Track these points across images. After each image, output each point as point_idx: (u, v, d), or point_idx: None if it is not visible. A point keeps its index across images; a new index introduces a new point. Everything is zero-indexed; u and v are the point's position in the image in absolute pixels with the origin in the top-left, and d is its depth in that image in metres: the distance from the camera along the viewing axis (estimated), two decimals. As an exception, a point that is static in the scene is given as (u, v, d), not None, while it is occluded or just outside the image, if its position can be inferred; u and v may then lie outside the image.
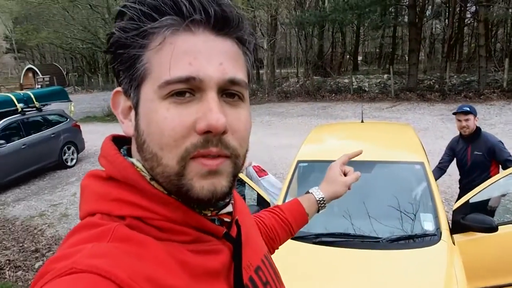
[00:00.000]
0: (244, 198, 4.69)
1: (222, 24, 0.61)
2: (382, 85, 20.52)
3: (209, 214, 0.69)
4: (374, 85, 20.63)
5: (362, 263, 2.81)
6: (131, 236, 0.58)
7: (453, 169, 4.71)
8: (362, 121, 4.88)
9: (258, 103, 21.33)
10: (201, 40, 0.60)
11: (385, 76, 21.31)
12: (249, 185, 3.74)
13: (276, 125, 14.67)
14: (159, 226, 0.62)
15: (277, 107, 19.03)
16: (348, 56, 31.56)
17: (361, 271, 2.75)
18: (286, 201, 3.41)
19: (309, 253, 2.94)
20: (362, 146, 4.03)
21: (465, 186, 4.35)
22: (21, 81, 35.06)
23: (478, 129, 4.30)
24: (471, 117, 4.22)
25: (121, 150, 0.70)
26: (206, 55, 0.59)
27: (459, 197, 4.25)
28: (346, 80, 21.66)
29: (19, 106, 9.18)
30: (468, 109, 4.23)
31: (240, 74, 0.63)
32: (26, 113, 9.45)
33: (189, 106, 0.59)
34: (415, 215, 3.20)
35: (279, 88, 22.94)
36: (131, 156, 0.68)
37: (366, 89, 20.49)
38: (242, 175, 3.89)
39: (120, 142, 0.72)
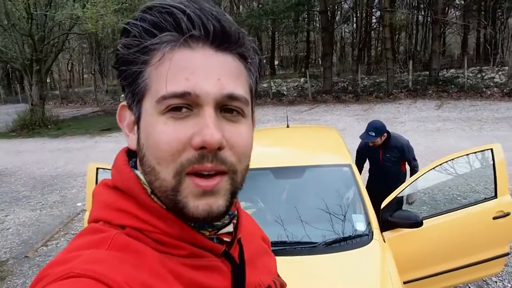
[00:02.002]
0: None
1: (222, 40, 0.61)
2: (300, 88, 21.17)
3: (207, 234, 0.69)
4: (292, 89, 21.23)
5: (300, 270, 2.79)
6: (129, 245, 0.60)
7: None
8: (287, 126, 4.93)
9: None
10: (199, 56, 0.60)
11: (302, 79, 22.01)
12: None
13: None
14: (156, 238, 0.63)
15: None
16: (264, 61, 32.12)
17: (299, 278, 2.73)
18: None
19: None
20: (290, 151, 4.16)
21: (378, 182, 4.64)
22: None
23: (387, 137, 4.53)
24: (377, 140, 4.47)
25: (130, 162, 0.70)
26: (204, 70, 0.60)
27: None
28: (265, 85, 22.04)
29: None
30: (373, 135, 4.44)
31: (239, 89, 0.63)
32: None
33: (186, 121, 0.60)
34: (346, 217, 3.26)
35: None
36: (137, 169, 0.69)
37: (285, 92, 21.01)
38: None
39: (134, 154, 0.71)
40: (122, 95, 0.69)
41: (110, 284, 0.52)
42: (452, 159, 3.52)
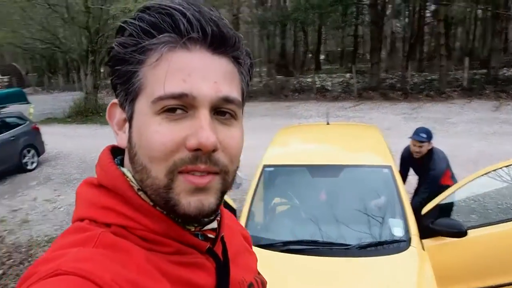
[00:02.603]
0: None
1: (219, 43, 0.62)
2: (345, 84, 20.78)
3: (193, 229, 0.69)
4: (337, 84, 20.87)
5: (331, 272, 2.74)
6: (115, 242, 0.60)
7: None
8: (327, 123, 4.80)
9: (221, 103, 21.13)
10: (197, 58, 0.61)
11: (348, 75, 21.60)
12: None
13: (240, 125, 14.49)
14: (142, 236, 0.63)
15: (240, 107, 18.87)
16: (310, 55, 31.78)
17: (330, 280, 2.69)
18: (253, 207, 3.34)
19: (277, 262, 2.85)
20: (328, 149, 4.06)
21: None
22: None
23: (430, 151, 4.31)
24: (425, 144, 4.25)
25: (115, 159, 0.71)
26: (201, 72, 0.61)
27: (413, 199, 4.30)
28: (309, 80, 21.78)
29: None
30: (424, 136, 4.24)
31: (234, 92, 0.64)
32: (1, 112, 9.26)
33: (181, 122, 0.60)
34: (384, 221, 3.14)
35: (242, 87, 22.83)
36: (124, 166, 0.70)
37: (329, 88, 20.68)
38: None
39: (118, 152, 0.73)
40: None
41: (97, 281, 0.52)
42: (509, 165, 3.29)
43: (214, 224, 0.74)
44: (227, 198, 3.48)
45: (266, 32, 24.52)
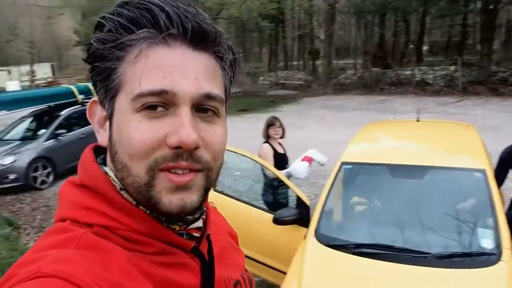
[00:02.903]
0: (287, 202, 4.47)
1: (199, 39, 0.62)
2: (449, 77, 19.45)
3: (177, 229, 0.68)
4: (439, 78, 19.60)
5: (405, 280, 2.59)
6: (97, 243, 0.59)
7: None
8: (417, 120, 4.49)
9: (313, 95, 21.03)
10: (177, 54, 0.60)
11: (452, 67, 20.15)
12: (289, 187, 3.58)
13: (329, 118, 14.35)
14: (125, 236, 0.62)
15: (332, 100, 18.65)
16: (411, 46, 30.18)
17: None
18: (327, 206, 3.24)
19: (347, 264, 2.78)
20: (413, 148, 3.81)
21: None
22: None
23: None
24: None
25: (98, 159, 0.70)
26: (181, 69, 0.60)
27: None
28: (408, 72, 20.71)
29: (80, 97, 9.63)
30: None
31: (216, 89, 0.63)
32: (86, 104, 9.74)
33: (162, 120, 0.60)
34: (471, 230, 2.88)
35: (335, 80, 22.44)
36: (106, 165, 0.69)
37: (430, 81, 19.52)
38: (282, 177, 3.71)
39: (101, 151, 0.72)
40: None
41: (78, 283, 0.51)
42: None
43: (200, 223, 0.73)
44: (300, 194, 3.43)
45: (364, 22, 23.75)
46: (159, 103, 0.59)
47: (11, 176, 8.31)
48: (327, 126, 12.90)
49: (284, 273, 2.92)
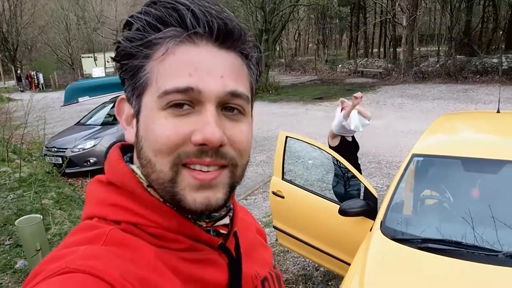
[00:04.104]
0: (359, 193, 4.47)
1: (225, 37, 0.62)
2: (540, 65, 17.94)
3: (204, 225, 0.69)
4: (530, 66, 18.13)
5: (471, 279, 2.51)
6: (125, 240, 0.60)
7: None
8: (498, 111, 4.30)
9: (392, 83, 20.37)
10: (203, 52, 0.61)
11: (546, 55, 18.56)
12: (358, 179, 3.59)
13: (408, 108, 13.87)
14: (152, 233, 0.63)
15: (411, 89, 17.95)
16: (501, 33, 28.14)
17: (469, 286, 2.47)
18: (395, 197, 3.25)
19: (412, 259, 2.72)
20: (491, 141, 3.67)
21: None
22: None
23: None
24: None
25: (125, 157, 0.71)
26: (207, 67, 0.60)
27: None
28: (495, 60, 19.36)
29: None
30: None
31: (241, 87, 0.64)
32: None
33: (187, 117, 0.60)
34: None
35: (416, 68, 21.50)
36: (133, 163, 0.70)
37: (519, 70, 18.11)
38: (352, 168, 3.73)
39: (128, 150, 0.74)
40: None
41: (106, 278, 0.52)
42: None
43: (226, 220, 0.73)
44: (368, 185, 3.44)
45: (450, 8, 22.49)
46: (185, 101, 0.60)
47: (92, 160, 8.69)
48: (405, 115, 12.53)
49: (349, 264, 2.90)
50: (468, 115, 5.37)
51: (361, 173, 4.18)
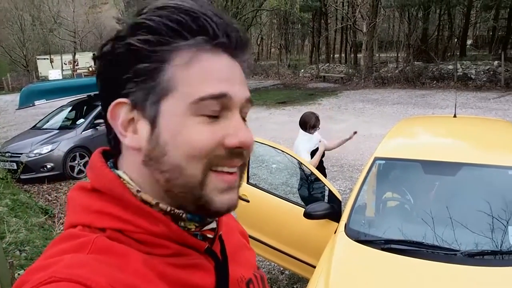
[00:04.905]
0: (323, 196, 4.51)
1: (241, 49, 0.66)
2: (491, 72, 18.77)
3: (193, 229, 0.69)
4: (482, 73, 18.94)
5: (432, 278, 2.56)
6: (111, 247, 0.59)
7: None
8: (454, 116, 4.46)
9: (353, 88, 20.81)
10: (225, 61, 0.64)
11: (496, 62, 19.46)
12: (321, 180, 3.63)
13: (369, 112, 14.18)
14: (139, 239, 0.63)
15: (372, 94, 18.40)
16: (456, 40, 29.29)
17: (430, 285, 2.53)
18: (358, 200, 3.30)
19: (375, 260, 2.77)
20: (447, 144, 3.80)
21: None
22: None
23: None
24: None
25: (108, 162, 0.70)
26: (230, 75, 0.64)
27: None
28: (451, 67, 20.14)
29: None
30: None
31: (249, 94, 0.68)
32: None
33: (218, 123, 0.63)
34: (502, 228, 2.87)
35: (376, 74, 22.07)
36: (117, 169, 0.69)
37: (473, 76, 18.91)
38: (315, 171, 3.77)
39: (109, 155, 0.72)
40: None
41: (93, 286, 0.52)
42: None
43: (214, 224, 0.73)
44: (332, 188, 3.48)
45: (408, 16, 23.24)
46: (217, 107, 0.62)
47: (49, 165, 8.34)
48: (366, 120, 12.79)
49: (315, 267, 2.92)
50: (427, 119, 5.55)
51: (326, 177, 4.22)
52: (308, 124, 4.67)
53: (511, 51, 25.14)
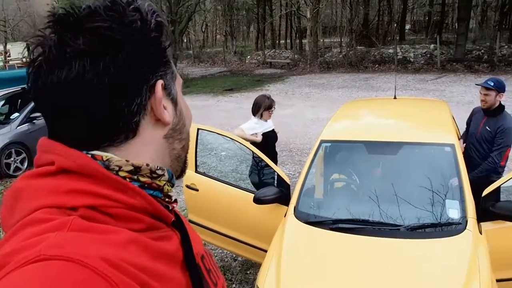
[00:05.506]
0: (274, 181, 4.51)
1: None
2: (428, 55, 19.63)
3: (168, 192, 0.75)
4: (420, 56, 19.76)
5: (379, 252, 2.71)
6: (92, 225, 0.57)
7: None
8: (395, 97, 4.64)
9: (300, 74, 21.04)
10: None
11: (432, 46, 20.36)
12: (270, 165, 3.66)
13: (315, 97, 14.41)
14: (115, 213, 0.62)
15: (318, 78, 18.69)
16: (395, 25, 30.29)
17: (377, 260, 2.66)
18: (306, 183, 3.37)
19: (324, 240, 2.86)
20: (388, 125, 3.95)
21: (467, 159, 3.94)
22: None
23: (501, 106, 4.04)
24: (491, 92, 3.97)
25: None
26: None
27: None
28: (391, 51, 20.85)
29: None
30: (490, 85, 3.98)
31: None
32: None
33: None
34: (439, 202, 3.04)
35: (321, 59, 22.43)
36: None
37: (411, 59, 19.67)
38: (263, 156, 3.78)
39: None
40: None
41: (88, 262, 0.50)
42: None
43: (174, 195, 0.79)
44: (281, 172, 3.52)
45: (349, 1, 23.72)
46: None
47: None
48: (312, 104, 13.01)
49: (266, 251, 2.97)
50: (369, 102, 5.73)
51: (277, 163, 4.23)
52: (263, 105, 4.55)
53: (446, 35, 26.36)
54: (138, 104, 0.66)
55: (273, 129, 4.77)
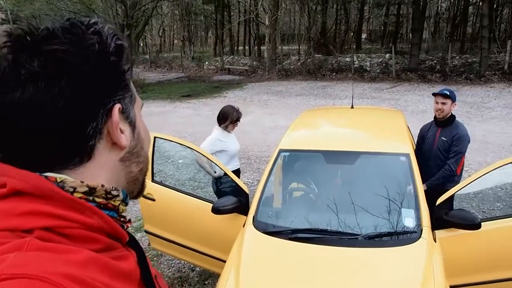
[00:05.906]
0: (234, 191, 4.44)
1: None
2: (384, 64, 20.24)
3: (124, 213, 0.74)
4: (376, 65, 20.34)
5: (337, 262, 2.72)
6: (49, 245, 0.56)
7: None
8: (352, 107, 4.72)
9: (258, 80, 21.13)
10: None
11: (387, 55, 21.00)
12: (229, 176, 3.62)
13: (273, 104, 14.49)
14: (71, 234, 0.61)
15: (276, 86, 18.83)
16: (352, 34, 31.08)
17: (335, 270, 2.67)
18: (264, 193, 3.35)
19: (283, 250, 2.85)
20: (346, 134, 4.01)
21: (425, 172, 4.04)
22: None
23: (452, 116, 4.20)
24: (448, 101, 4.12)
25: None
26: None
27: None
28: (348, 59, 21.34)
29: None
30: (447, 93, 4.13)
31: None
32: None
33: None
34: (395, 211, 3.09)
35: (279, 66, 22.64)
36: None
37: (368, 68, 20.20)
38: (221, 165, 3.75)
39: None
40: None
41: (52, 279, 0.50)
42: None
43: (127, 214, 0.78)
44: (239, 181, 3.49)
45: (307, 10, 24.09)
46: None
47: None
48: (271, 111, 13.06)
49: (225, 261, 2.94)
50: (327, 111, 5.80)
51: (239, 173, 4.18)
52: (230, 118, 4.45)
53: (401, 45, 27.28)
54: (94, 128, 0.65)
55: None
